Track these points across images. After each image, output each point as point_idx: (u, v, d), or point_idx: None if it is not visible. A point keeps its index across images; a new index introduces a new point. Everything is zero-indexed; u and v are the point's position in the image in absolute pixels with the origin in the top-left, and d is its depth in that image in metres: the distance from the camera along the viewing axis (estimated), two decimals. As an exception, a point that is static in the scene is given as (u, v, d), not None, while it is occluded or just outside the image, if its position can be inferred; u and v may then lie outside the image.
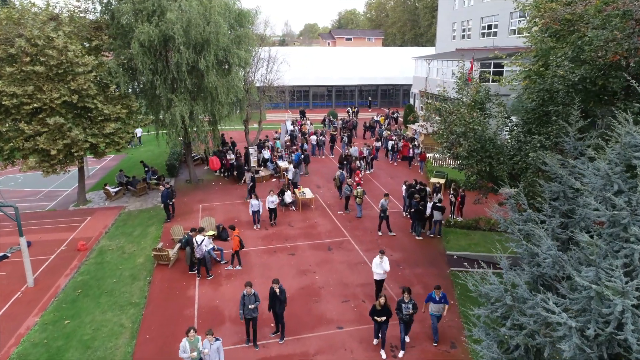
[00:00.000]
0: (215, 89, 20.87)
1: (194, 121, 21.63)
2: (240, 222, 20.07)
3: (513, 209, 10.98)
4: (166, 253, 15.86)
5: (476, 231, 18.86)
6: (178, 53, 19.86)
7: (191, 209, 21.82)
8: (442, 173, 24.28)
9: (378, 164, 29.02)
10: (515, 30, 35.34)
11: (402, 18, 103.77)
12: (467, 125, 12.31)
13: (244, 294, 11.51)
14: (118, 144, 21.24)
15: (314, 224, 19.65)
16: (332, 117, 43.21)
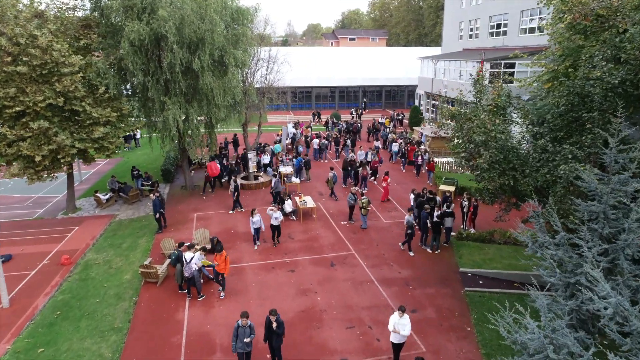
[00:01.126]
0: (211, 91, 19.58)
1: (189, 125, 20.33)
2: (237, 233, 18.76)
3: (542, 229, 9.59)
4: (154, 270, 14.56)
5: (490, 244, 17.47)
6: (171, 53, 18.59)
7: (185, 218, 20.53)
8: (451, 180, 22.89)
9: (382, 170, 27.62)
10: (526, 29, 33.92)
11: (406, 18, 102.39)
12: (488, 134, 10.94)
13: (238, 324, 10.20)
14: (107, 149, 19.97)
15: (315, 236, 18.31)
16: (336, 119, 41.89)
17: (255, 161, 25.80)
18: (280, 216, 17.24)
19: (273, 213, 17.11)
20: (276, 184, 21.39)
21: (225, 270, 13.74)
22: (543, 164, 10.54)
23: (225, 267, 13.70)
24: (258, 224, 17.28)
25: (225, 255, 13.70)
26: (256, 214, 17.16)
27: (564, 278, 8.66)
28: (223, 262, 13.63)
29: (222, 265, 13.64)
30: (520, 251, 16.78)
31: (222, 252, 13.75)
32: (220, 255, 13.66)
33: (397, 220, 19.98)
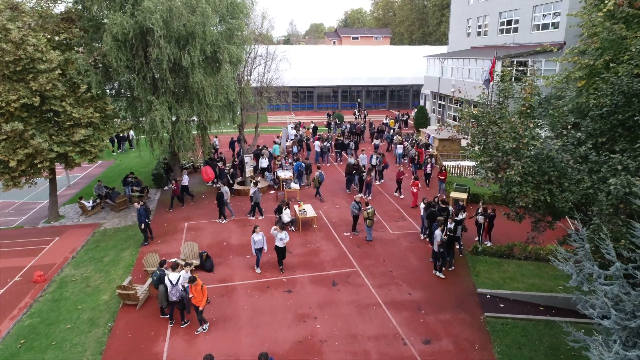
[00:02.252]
0: (202, 90, 17.95)
1: (179, 127, 18.69)
2: (229, 246, 17.11)
3: (587, 256, 7.88)
4: (133, 292, 12.91)
5: (509, 260, 15.77)
6: (158, 48, 16.98)
7: (174, 228, 18.89)
8: (463, 186, 21.19)
9: (389, 174, 25.93)
10: (539, 25, 32.15)
11: (410, 17, 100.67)
12: (520, 140, 9.25)
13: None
14: (90, 153, 18.36)
15: (315, 250, 16.64)
16: (338, 120, 40.21)
17: (252, 165, 24.16)
18: (287, 237, 14.77)
19: (278, 233, 14.62)
20: (255, 193, 19.40)
21: (201, 303, 11.56)
22: (584, 175, 8.85)
23: (202, 298, 11.55)
24: (260, 244, 14.77)
25: (200, 285, 11.53)
26: (259, 232, 14.76)
27: (622, 321, 6.97)
28: (199, 293, 11.50)
29: (197, 297, 11.51)
30: (543, 268, 15.14)
31: (197, 282, 11.52)
32: (194, 286, 11.47)
33: (406, 232, 18.29)
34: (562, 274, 14.52)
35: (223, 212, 19.37)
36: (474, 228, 17.21)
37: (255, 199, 19.50)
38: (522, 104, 10.34)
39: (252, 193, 19.46)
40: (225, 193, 19.12)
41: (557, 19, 30.26)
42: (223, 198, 18.96)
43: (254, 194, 19.40)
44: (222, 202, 19.00)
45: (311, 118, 44.60)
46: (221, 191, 18.87)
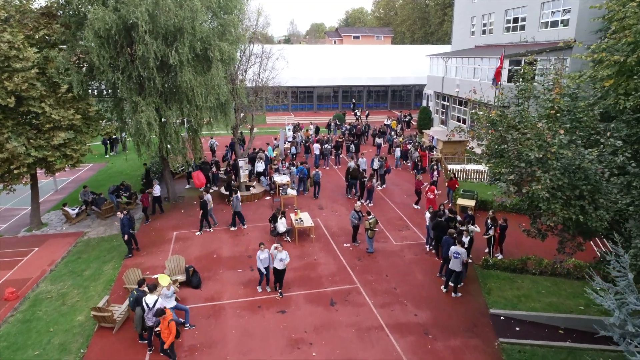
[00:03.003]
0: (191, 90, 16.70)
1: (168, 129, 17.44)
2: (220, 259, 15.86)
3: (631, 289, 6.61)
4: (109, 314, 11.67)
5: (523, 275, 14.50)
6: (143, 44, 15.73)
7: (162, 238, 17.65)
8: (470, 193, 19.92)
9: (391, 178, 24.68)
10: (547, 23, 30.87)
11: (411, 16, 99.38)
12: (547, 149, 7.99)
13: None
14: (71, 157, 17.14)
15: (312, 263, 15.38)
16: (339, 120, 38.95)
17: (247, 170, 22.90)
18: (287, 257, 13.23)
19: (278, 253, 13.05)
20: (234, 201, 17.94)
21: (167, 340, 9.91)
22: (622, 190, 7.60)
23: (168, 336, 9.90)
24: (266, 263, 13.29)
25: (168, 321, 9.89)
26: (264, 249, 13.20)
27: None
28: (166, 328, 9.91)
29: (164, 332, 9.96)
30: (561, 284, 13.87)
31: (165, 315, 9.94)
32: (162, 320, 9.94)
33: (410, 242, 17.02)
34: (581, 291, 13.30)
35: (208, 222, 18.12)
36: (483, 239, 15.94)
37: (234, 207, 18.05)
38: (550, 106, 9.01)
39: (233, 202, 18.03)
40: (208, 202, 17.79)
41: (566, 15, 28.97)
42: (207, 207, 17.66)
43: (233, 202, 17.97)
44: (205, 212, 17.69)
45: (311, 119, 43.36)
46: (204, 199, 17.54)
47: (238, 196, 18.00)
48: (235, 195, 17.95)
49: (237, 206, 18.05)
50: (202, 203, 17.55)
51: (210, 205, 18.09)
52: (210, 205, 18.09)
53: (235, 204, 17.99)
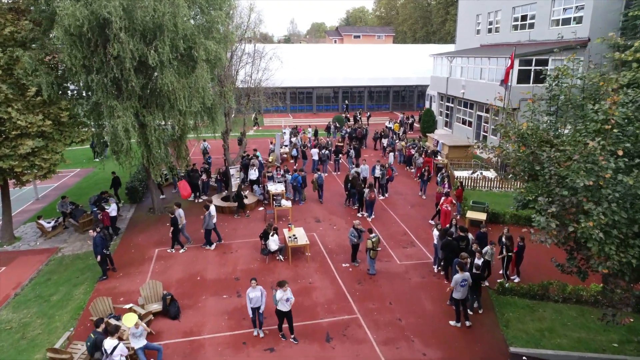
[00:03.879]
0: (173, 93, 15.06)
1: (149, 136, 15.80)
2: (204, 282, 14.22)
3: None
4: (68, 356, 10.04)
5: (545, 303, 12.85)
6: (118, 43, 14.11)
7: (143, 256, 16.02)
8: (481, 205, 18.26)
9: (394, 187, 23.02)
10: (558, 20, 29.20)
11: (413, 15, 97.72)
12: (600, 174, 6.33)
13: None
14: (41, 167, 15.53)
15: (307, 288, 13.73)
16: (339, 123, 37.31)
17: (239, 178, 21.28)
18: (292, 298, 10.90)
19: (283, 294, 10.72)
20: (205, 218, 15.98)
21: None
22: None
23: None
24: (257, 303, 11.09)
25: None
26: (256, 287, 11.08)
27: None
28: None
29: None
30: (588, 315, 12.22)
31: None
32: None
33: (416, 261, 15.38)
34: (612, 325, 11.65)
35: (177, 240, 16.33)
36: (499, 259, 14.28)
37: (205, 224, 16.08)
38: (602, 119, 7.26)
39: (205, 218, 16.06)
40: (179, 217, 16.04)
41: (580, 12, 27.30)
42: (177, 224, 15.93)
43: (205, 219, 16.02)
44: (177, 229, 15.97)
45: (310, 121, 41.73)
46: (175, 215, 15.77)
47: (211, 212, 16.04)
48: (207, 211, 15.93)
49: (209, 224, 16.01)
50: (173, 220, 15.76)
51: (183, 222, 16.35)
52: (183, 222, 16.35)
53: (207, 221, 15.94)
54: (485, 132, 31.93)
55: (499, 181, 22.84)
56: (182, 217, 16.23)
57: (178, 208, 16.27)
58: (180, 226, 16.18)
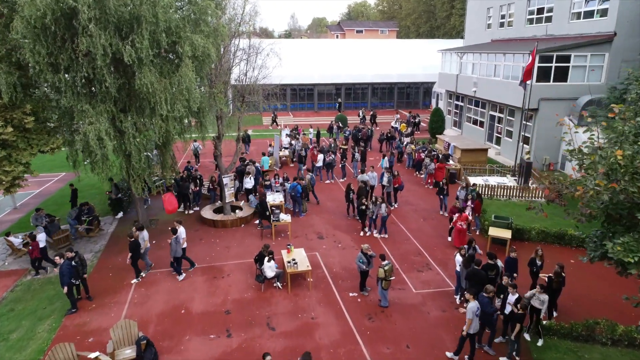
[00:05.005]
0: (152, 95, 13.00)
1: (125, 145, 13.77)
2: (189, 315, 12.22)
3: None
4: None
5: (591, 346, 10.84)
6: (87, 36, 12.06)
7: (121, 282, 14.01)
8: (504, 220, 16.19)
9: (403, 197, 20.98)
10: (580, 13, 27.00)
11: (416, 10, 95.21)
12: None
13: None
14: (1, 181, 13.54)
15: (309, 325, 11.72)
16: (342, 123, 35.20)
17: (234, 187, 19.25)
18: None
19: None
20: (174, 246, 13.57)
21: None
22: None
23: None
24: None
25: None
26: None
27: None
28: None
29: None
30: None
31: None
32: None
33: (434, 289, 13.36)
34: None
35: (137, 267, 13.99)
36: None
37: (172, 252, 13.71)
38: None
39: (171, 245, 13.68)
40: (142, 241, 13.86)
41: (605, 4, 25.11)
42: (139, 250, 13.63)
43: (172, 246, 13.65)
44: (136, 255, 13.67)
45: (311, 120, 39.65)
46: (136, 239, 13.54)
47: (179, 236, 13.73)
48: (174, 236, 13.61)
49: (176, 251, 13.70)
50: (133, 244, 13.35)
51: (146, 247, 14.22)
52: (146, 247, 14.22)
53: (174, 248, 13.66)
54: (498, 134, 29.85)
55: (520, 189, 20.80)
56: (145, 241, 14.09)
57: (141, 231, 14.03)
58: (142, 250, 13.98)
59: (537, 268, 12.37)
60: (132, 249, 13.41)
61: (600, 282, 13.55)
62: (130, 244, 13.39)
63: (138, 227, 14.12)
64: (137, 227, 14.12)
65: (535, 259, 12.45)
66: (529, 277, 12.53)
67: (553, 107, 25.00)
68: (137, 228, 14.07)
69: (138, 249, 13.49)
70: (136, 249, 13.41)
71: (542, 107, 25.03)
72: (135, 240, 13.46)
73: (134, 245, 13.38)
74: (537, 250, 12.45)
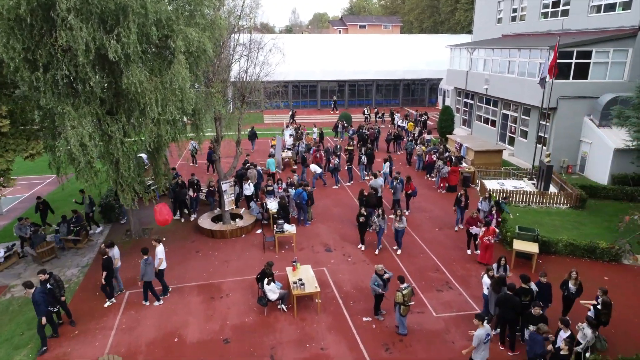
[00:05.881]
0: (142, 96, 11.59)
1: (113, 151, 12.38)
2: (182, 343, 10.85)
3: None
4: None
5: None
6: (67, 30, 10.65)
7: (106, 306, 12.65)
8: (530, 232, 14.78)
9: (415, 202, 19.59)
10: (600, 6, 25.50)
11: (420, 4, 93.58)
12: None
13: None
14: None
15: (318, 357, 10.32)
16: (346, 121, 33.76)
17: (234, 193, 17.86)
18: None
19: None
20: (144, 268, 11.85)
21: None
22: None
23: None
24: None
25: None
26: None
27: None
28: None
29: None
30: None
31: None
32: None
33: (457, 313, 11.98)
34: None
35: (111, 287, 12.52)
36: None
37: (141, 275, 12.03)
38: None
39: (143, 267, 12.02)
40: (113, 259, 12.36)
41: (628, -5, 23.61)
42: (111, 267, 12.15)
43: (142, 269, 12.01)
44: (111, 274, 12.23)
45: (313, 119, 38.19)
46: (108, 256, 12.09)
47: (157, 254, 12.30)
48: (145, 257, 11.96)
49: (147, 274, 11.96)
50: (106, 262, 11.89)
51: (117, 264, 12.71)
52: (117, 264, 12.71)
53: (144, 271, 11.92)
54: (512, 134, 28.42)
55: (539, 195, 19.39)
56: (117, 259, 12.62)
57: (111, 248, 12.52)
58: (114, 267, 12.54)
59: (570, 294, 10.94)
60: (105, 266, 11.90)
61: (642, 304, 12.18)
62: (104, 262, 11.91)
63: (108, 243, 12.59)
64: (106, 244, 12.59)
65: (568, 281, 11.05)
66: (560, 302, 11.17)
67: (572, 106, 23.58)
68: (106, 245, 12.55)
69: (111, 265, 12.06)
70: (108, 266, 11.95)
71: (561, 105, 23.57)
72: (108, 258, 12.01)
73: (106, 262, 11.90)
74: (572, 272, 11.03)
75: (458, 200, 16.73)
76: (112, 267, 12.15)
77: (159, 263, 12.36)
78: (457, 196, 16.77)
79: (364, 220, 14.88)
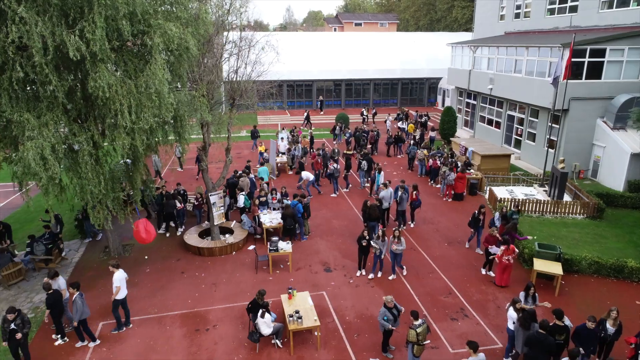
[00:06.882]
0: (112, 102, 9.99)
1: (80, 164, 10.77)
2: (160, 392, 9.32)
3: None
4: None
5: None
6: (19, 23, 9.04)
7: (77, 337, 11.06)
8: (552, 250, 13.32)
9: (420, 213, 18.10)
10: (612, 2, 24.12)
11: (416, 2, 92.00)
12: None
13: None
14: None
15: (319, 409, 8.85)
16: (344, 122, 32.20)
17: (223, 206, 16.28)
18: None
19: None
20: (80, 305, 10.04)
21: None
22: None
23: None
24: None
25: None
26: None
27: None
28: None
29: None
30: None
31: None
32: None
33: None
34: None
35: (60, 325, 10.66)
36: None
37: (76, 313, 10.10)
38: None
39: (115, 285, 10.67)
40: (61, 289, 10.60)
41: (643, -10, 22.26)
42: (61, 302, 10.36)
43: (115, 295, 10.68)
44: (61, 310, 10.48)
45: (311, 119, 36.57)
46: (54, 290, 10.24)
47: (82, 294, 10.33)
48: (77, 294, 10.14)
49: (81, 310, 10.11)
50: (50, 297, 10.07)
51: (66, 296, 10.96)
52: (66, 296, 10.96)
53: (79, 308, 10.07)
54: (518, 136, 27.03)
55: (554, 204, 17.98)
56: (63, 290, 10.88)
57: (55, 279, 10.70)
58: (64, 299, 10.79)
59: (608, 336, 9.32)
60: (51, 303, 10.09)
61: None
62: (49, 297, 10.08)
63: (51, 274, 10.72)
64: (49, 275, 10.71)
65: (605, 320, 9.46)
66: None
67: (585, 108, 22.20)
68: (49, 276, 10.67)
69: (60, 301, 10.33)
70: (57, 302, 10.22)
71: (573, 107, 22.17)
72: (54, 292, 10.21)
73: (51, 298, 10.10)
74: (612, 311, 9.25)
75: (476, 219, 14.70)
76: (61, 301, 10.40)
77: (115, 292, 10.73)
78: (474, 215, 14.77)
79: (366, 244, 13.24)
